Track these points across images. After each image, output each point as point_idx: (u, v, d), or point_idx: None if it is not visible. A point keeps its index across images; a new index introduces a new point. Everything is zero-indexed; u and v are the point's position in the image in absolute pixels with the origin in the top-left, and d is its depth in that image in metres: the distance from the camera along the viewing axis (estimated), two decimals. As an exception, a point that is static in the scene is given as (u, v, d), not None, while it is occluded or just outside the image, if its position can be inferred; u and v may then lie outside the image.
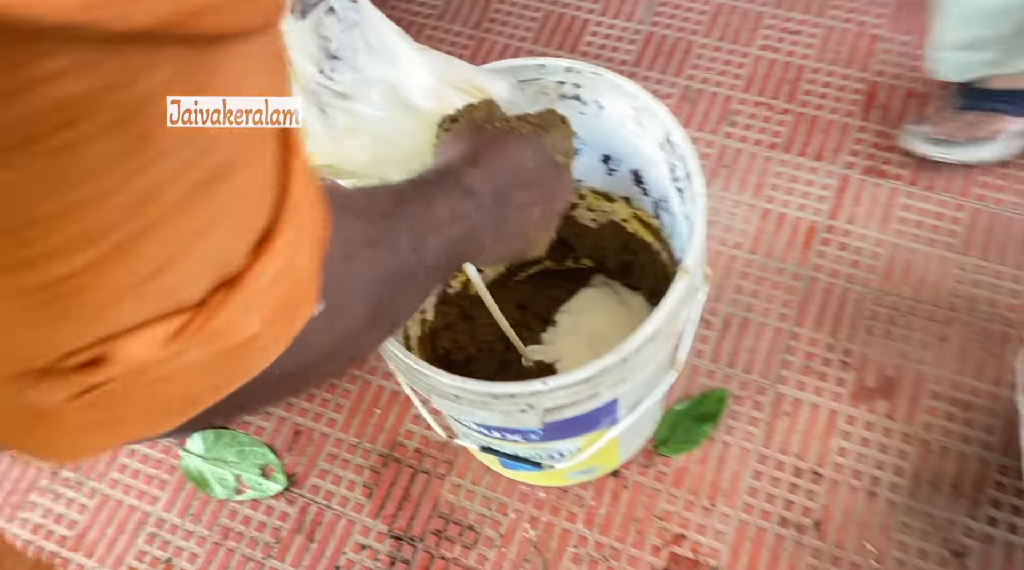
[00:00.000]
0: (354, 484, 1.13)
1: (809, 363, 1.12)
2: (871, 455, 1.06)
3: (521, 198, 0.54)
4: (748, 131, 1.30)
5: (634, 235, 1.03)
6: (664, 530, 1.05)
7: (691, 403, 1.11)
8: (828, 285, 1.17)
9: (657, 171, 0.86)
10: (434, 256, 0.44)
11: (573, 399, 0.73)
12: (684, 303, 0.75)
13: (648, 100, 0.79)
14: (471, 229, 0.48)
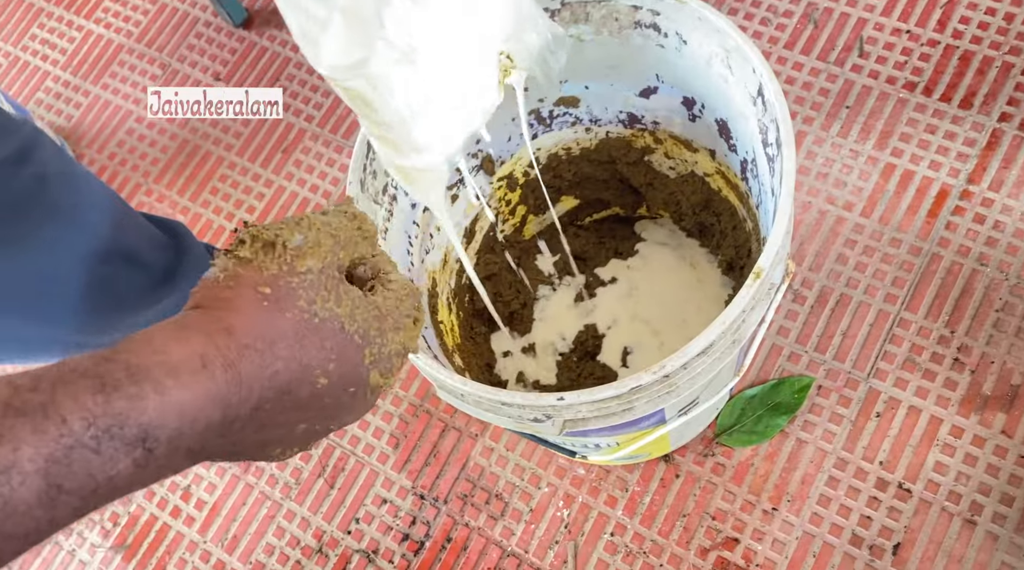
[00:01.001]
0: (381, 432, 1.04)
1: (915, 357, 0.94)
2: (976, 476, 0.89)
3: (282, 421, 0.32)
4: (881, 65, 1.07)
5: (717, 193, 0.86)
6: (715, 530, 0.92)
7: (765, 389, 0.95)
8: (953, 264, 0.97)
9: (747, 127, 0.69)
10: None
11: (600, 413, 0.60)
12: (754, 309, 0.59)
13: (740, 41, 0.61)
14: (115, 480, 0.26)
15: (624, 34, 0.71)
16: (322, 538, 1.00)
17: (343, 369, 0.33)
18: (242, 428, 0.30)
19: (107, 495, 0.26)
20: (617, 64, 0.76)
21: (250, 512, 1.03)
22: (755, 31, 1.12)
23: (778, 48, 1.11)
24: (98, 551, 1.05)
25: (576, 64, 0.77)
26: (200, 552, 1.03)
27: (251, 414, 0.30)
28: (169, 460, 0.27)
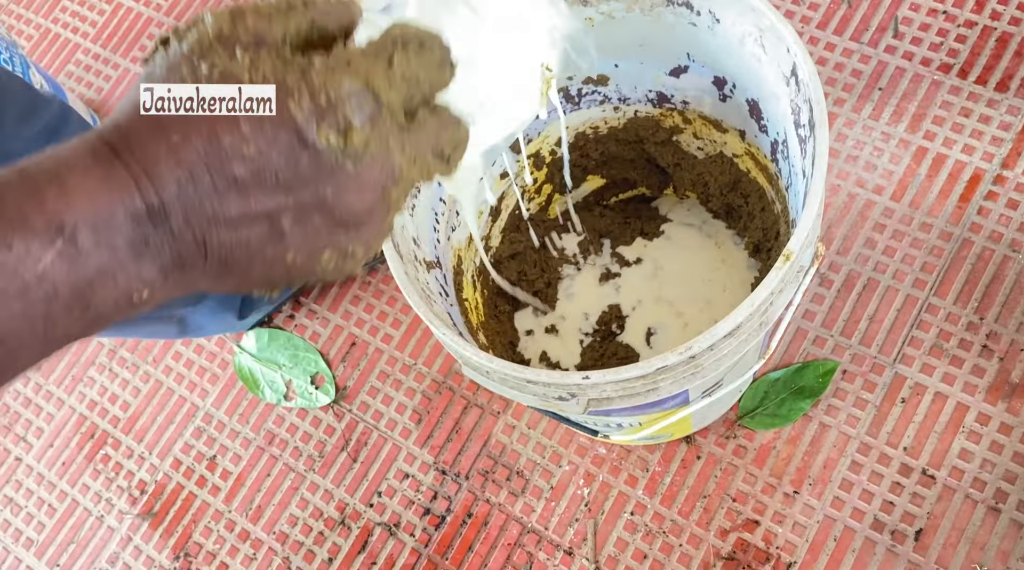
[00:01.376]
0: (404, 407, 1.05)
1: (942, 343, 0.93)
2: (1002, 464, 0.88)
3: (237, 207, 0.29)
4: (917, 46, 1.05)
5: (746, 174, 0.85)
6: (735, 512, 0.92)
7: (789, 372, 0.95)
8: (984, 250, 0.96)
9: (779, 108, 0.68)
10: None
11: (625, 393, 0.60)
12: (782, 291, 0.59)
13: (775, 20, 0.60)
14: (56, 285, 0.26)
15: (656, 12, 0.70)
16: (344, 510, 1.02)
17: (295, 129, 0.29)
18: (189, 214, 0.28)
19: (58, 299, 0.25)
20: (647, 42, 0.75)
21: (274, 483, 1.05)
22: (787, 10, 1.11)
23: (810, 28, 1.09)
24: (126, 518, 1.07)
25: (606, 42, 0.77)
26: (225, 521, 1.04)
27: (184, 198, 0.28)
28: (113, 257, 0.26)
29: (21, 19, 1.40)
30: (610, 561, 0.93)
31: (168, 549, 1.05)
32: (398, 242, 0.64)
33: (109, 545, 1.07)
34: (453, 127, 0.34)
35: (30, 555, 1.08)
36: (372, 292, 1.11)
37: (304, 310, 1.12)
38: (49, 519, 1.10)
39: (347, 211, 0.31)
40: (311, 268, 0.32)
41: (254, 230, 0.29)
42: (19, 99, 0.73)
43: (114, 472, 1.10)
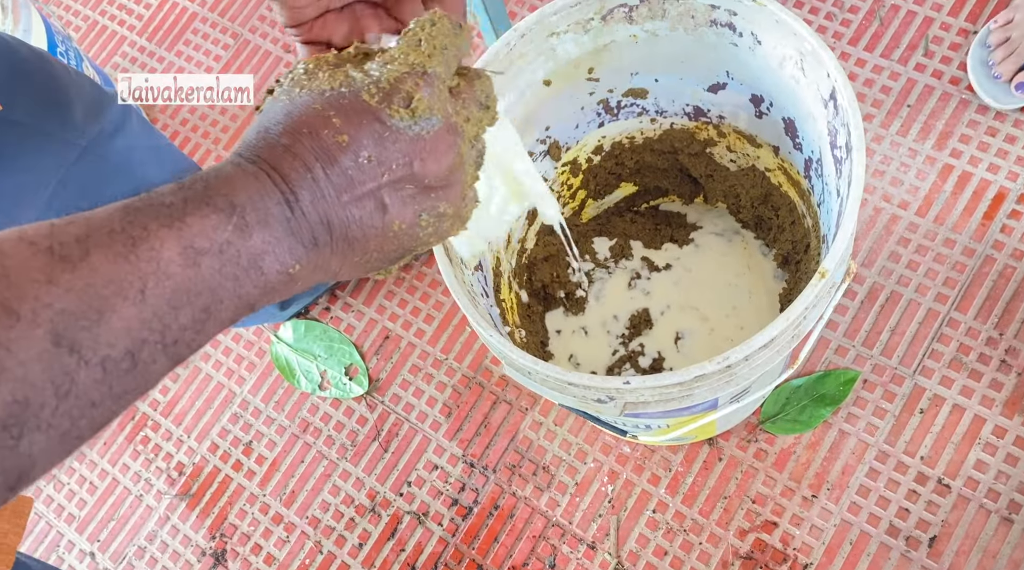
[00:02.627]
0: (435, 401, 1.08)
1: (962, 357, 0.96)
2: (1016, 476, 0.91)
3: (346, 189, 0.35)
4: (946, 66, 1.08)
5: (778, 188, 0.88)
6: (755, 513, 0.95)
7: (811, 380, 0.98)
8: (1006, 268, 0.98)
9: (815, 128, 0.71)
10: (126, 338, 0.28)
11: (661, 398, 0.63)
12: (816, 306, 0.62)
13: (816, 45, 0.63)
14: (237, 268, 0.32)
15: (699, 31, 0.73)
16: (375, 498, 1.06)
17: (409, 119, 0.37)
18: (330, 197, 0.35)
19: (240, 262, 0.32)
20: (688, 59, 0.78)
21: (308, 470, 1.09)
22: (820, 25, 1.13)
23: (842, 44, 1.12)
24: (164, 498, 1.11)
25: (648, 58, 0.80)
26: (260, 504, 1.08)
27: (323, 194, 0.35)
28: (270, 233, 0.33)
29: (70, 10, 1.44)
30: (632, 556, 0.97)
31: (204, 529, 1.09)
32: (448, 246, 0.68)
33: (147, 523, 1.11)
34: (481, 80, 0.42)
35: (72, 530, 1.13)
36: (406, 288, 1.14)
37: (340, 303, 1.16)
38: (90, 496, 1.14)
39: (432, 174, 0.38)
40: (415, 234, 0.39)
41: (363, 207, 0.36)
42: (87, 96, 0.77)
43: (153, 453, 1.14)
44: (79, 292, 0.27)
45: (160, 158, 0.86)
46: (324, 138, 0.34)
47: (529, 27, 0.72)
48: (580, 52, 0.77)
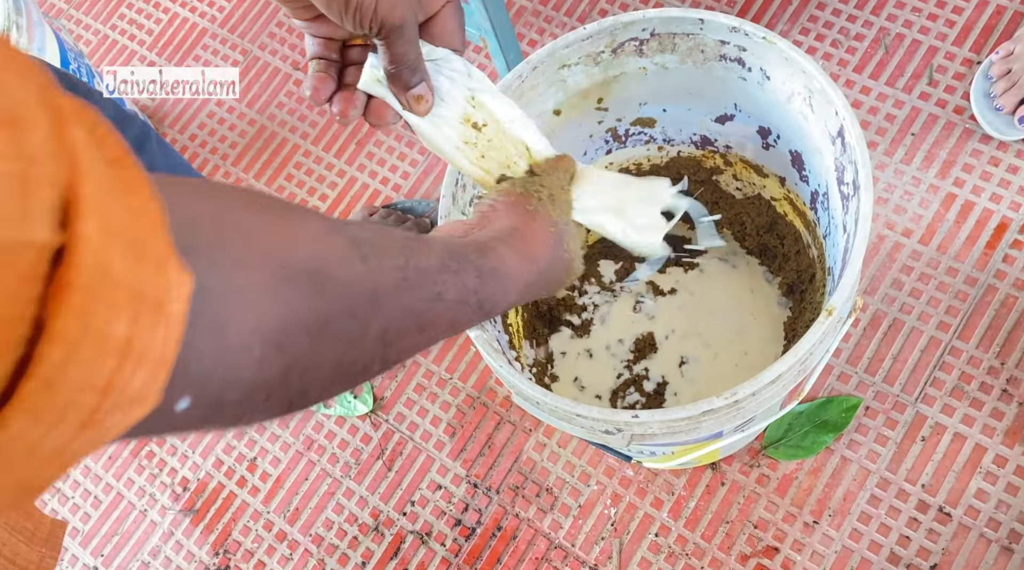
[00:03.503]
0: (439, 420, 1.09)
1: (963, 385, 0.97)
2: (1017, 506, 0.92)
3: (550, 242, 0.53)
4: (950, 95, 1.09)
5: (783, 217, 0.89)
6: (756, 538, 0.96)
7: (813, 406, 0.98)
8: (1008, 297, 0.99)
9: (822, 163, 0.72)
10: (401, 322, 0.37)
11: (669, 431, 0.64)
12: (822, 342, 0.62)
13: (825, 84, 0.64)
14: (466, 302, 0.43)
15: (708, 65, 0.74)
16: (379, 517, 1.06)
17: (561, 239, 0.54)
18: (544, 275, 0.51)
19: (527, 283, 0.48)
20: (697, 91, 0.79)
21: (312, 487, 1.09)
22: (825, 52, 1.14)
23: (847, 71, 1.13)
24: (168, 513, 1.12)
25: (657, 89, 0.81)
26: (263, 521, 1.09)
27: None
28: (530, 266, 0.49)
29: (80, 24, 1.45)
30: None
31: (208, 545, 1.09)
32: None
33: (151, 538, 1.11)
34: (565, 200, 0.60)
35: (75, 544, 1.13)
36: (412, 307, 1.15)
37: (345, 321, 1.16)
38: (95, 510, 1.14)
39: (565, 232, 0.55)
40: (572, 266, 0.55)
41: (559, 252, 0.53)
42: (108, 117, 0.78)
43: (158, 468, 1.15)
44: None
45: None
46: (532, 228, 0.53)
47: (541, 59, 0.73)
48: (590, 83, 0.78)
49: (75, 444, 0.21)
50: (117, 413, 0.21)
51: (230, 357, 0.26)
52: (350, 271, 0.32)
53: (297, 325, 0.29)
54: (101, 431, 0.21)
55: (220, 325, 0.25)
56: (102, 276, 0.19)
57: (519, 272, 0.47)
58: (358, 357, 0.33)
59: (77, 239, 0.19)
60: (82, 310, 0.19)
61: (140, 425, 0.22)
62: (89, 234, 0.19)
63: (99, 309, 0.19)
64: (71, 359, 0.19)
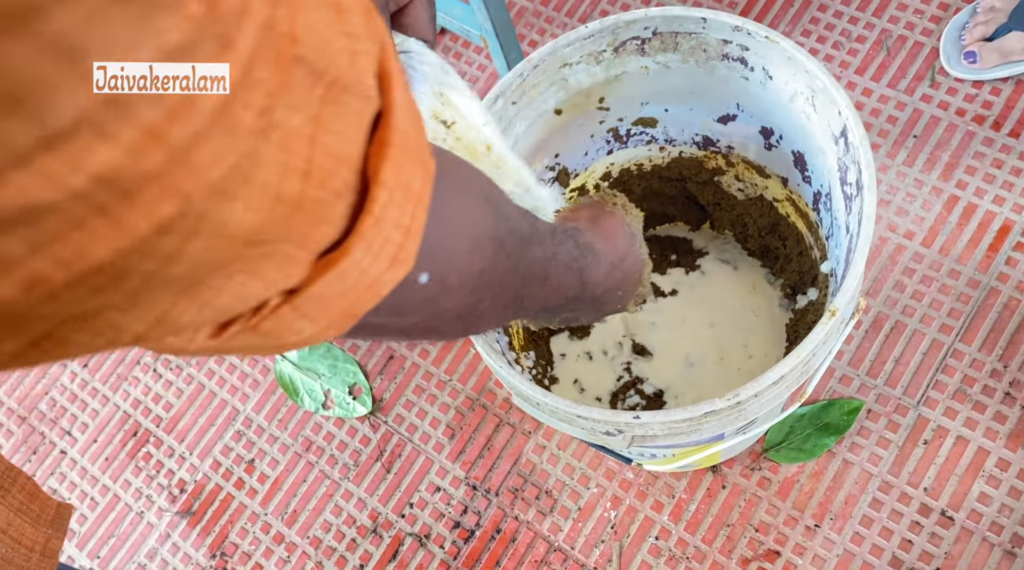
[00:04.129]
0: (438, 422, 1.08)
1: (966, 388, 0.96)
2: (1019, 509, 0.91)
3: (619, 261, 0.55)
4: (952, 97, 1.08)
5: (785, 218, 0.89)
6: (757, 542, 0.95)
7: (815, 409, 0.98)
8: (1011, 300, 0.98)
9: (825, 163, 0.71)
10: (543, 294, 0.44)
11: (670, 432, 0.63)
12: (825, 343, 0.62)
13: (828, 83, 0.63)
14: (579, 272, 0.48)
15: (710, 65, 0.74)
16: (377, 519, 1.05)
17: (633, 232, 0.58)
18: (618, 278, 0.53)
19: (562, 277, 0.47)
20: (699, 91, 0.79)
21: (310, 489, 1.08)
22: (827, 54, 1.14)
23: (848, 73, 1.12)
24: (165, 515, 1.11)
25: (659, 89, 0.80)
26: (261, 523, 1.08)
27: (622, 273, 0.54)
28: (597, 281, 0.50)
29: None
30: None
31: (205, 547, 1.09)
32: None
33: (148, 540, 1.11)
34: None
35: (72, 546, 1.13)
36: (411, 308, 1.14)
37: (344, 322, 1.15)
38: (91, 512, 1.14)
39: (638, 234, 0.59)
40: (644, 270, 0.59)
41: (634, 248, 0.57)
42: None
43: (155, 470, 1.14)
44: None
45: None
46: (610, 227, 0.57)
47: (542, 58, 0.72)
48: (592, 82, 0.78)
49: (383, 278, 0.25)
50: (399, 265, 0.26)
51: (450, 242, 0.31)
52: (508, 207, 0.38)
53: (488, 233, 0.34)
54: (397, 272, 0.26)
55: (444, 216, 0.30)
56: (406, 139, 0.24)
57: (604, 251, 0.51)
58: (513, 286, 0.38)
59: (393, 106, 0.23)
60: (398, 164, 0.24)
61: (391, 298, 0.27)
62: (401, 103, 0.24)
63: (406, 165, 0.24)
64: (391, 202, 0.24)
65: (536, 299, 0.43)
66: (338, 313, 0.25)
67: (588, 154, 0.89)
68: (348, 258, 0.24)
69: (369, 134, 0.23)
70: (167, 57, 0.17)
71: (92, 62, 0.15)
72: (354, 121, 0.22)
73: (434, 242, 0.29)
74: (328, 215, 0.23)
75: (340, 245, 0.24)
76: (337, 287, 0.24)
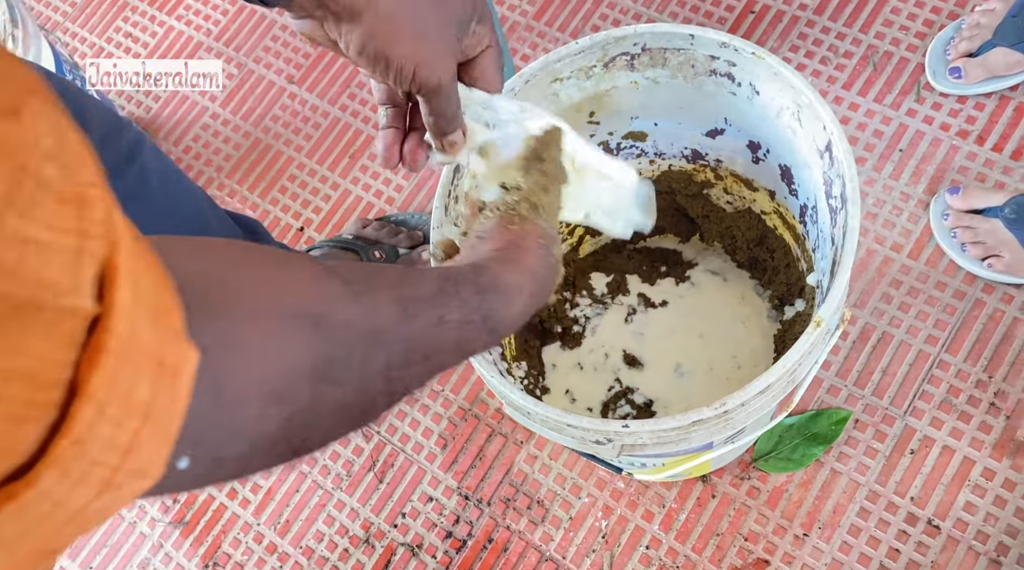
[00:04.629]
0: (431, 432, 1.09)
1: (952, 398, 0.98)
2: (1004, 519, 0.92)
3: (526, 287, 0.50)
4: (936, 111, 1.10)
5: (773, 231, 0.90)
6: (747, 551, 0.96)
7: (803, 419, 0.99)
8: (995, 311, 1.00)
9: (811, 176, 0.73)
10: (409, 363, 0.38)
11: (659, 441, 0.64)
12: (811, 353, 0.63)
13: (813, 99, 0.65)
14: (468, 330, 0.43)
15: (698, 80, 0.75)
16: (369, 529, 1.06)
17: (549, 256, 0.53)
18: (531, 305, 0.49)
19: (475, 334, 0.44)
20: (687, 106, 0.80)
21: (303, 499, 1.09)
22: (814, 70, 1.16)
23: (835, 88, 1.14)
24: (158, 525, 1.11)
25: (648, 103, 0.81)
26: (254, 534, 1.08)
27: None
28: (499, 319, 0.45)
29: (76, 37, 1.46)
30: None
31: (197, 557, 1.09)
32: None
33: (141, 550, 1.11)
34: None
35: (64, 556, 1.13)
36: (404, 319, 1.15)
37: (338, 333, 1.16)
38: (83, 523, 1.14)
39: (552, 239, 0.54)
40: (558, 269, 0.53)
41: (548, 260, 0.51)
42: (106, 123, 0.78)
43: (148, 480, 1.14)
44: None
45: (171, 181, 0.88)
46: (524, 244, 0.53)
47: (534, 73, 0.74)
48: (582, 96, 0.79)
49: (93, 506, 0.22)
50: (132, 478, 0.22)
51: (228, 414, 0.27)
52: (347, 311, 0.33)
53: (297, 372, 0.30)
54: (117, 495, 0.22)
55: (218, 384, 0.26)
56: (131, 342, 0.21)
57: (518, 283, 0.47)
58: (360, 397, 0.34)
59: (113, 308, 0.20)
60: (113, 374, 0.20)
61: (154, 488, 0.24)
62: (123, 303, 0.21)
63: (127, 373, 0.21)
64: (100, 419, 0.20)
65: (423, 374, 0.39)
66: (29, 551, 0.22)
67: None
68: (33, 489, 0.20)
69: (80, 343, 0.20)
70: None
71: None
72: (43, 332, 0.19)
73: (200, 423, 0.25)
74: (8, 444, 0.19)
75: (23, 475, 0.20)
76: (18, 525, 0.20)
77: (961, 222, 1.01)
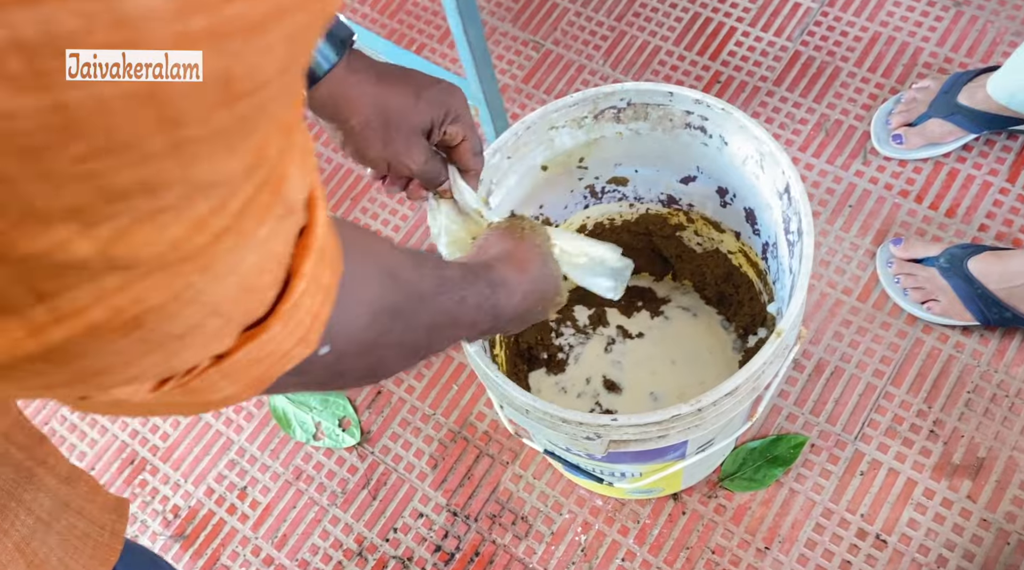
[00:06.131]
0: (422, 453, 1.17)
1: (896, 426, 1.09)
2: (943, 534, 1.02)
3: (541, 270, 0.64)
4: (881, 173, 1.24)
5: (738, 269, 1.01)
6: (714, 563, 1.05)
7: (765, 443, 1.09)
8: (934, 349, 1.12)
9: (771, 216, 0.84)
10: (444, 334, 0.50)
11: (641, 437, 0.74)
12: (772, 363, 0.74)
13: (773, 148, 0.77)
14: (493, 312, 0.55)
15: (675, 132, 0.87)
16: (362, 543, 1.13)
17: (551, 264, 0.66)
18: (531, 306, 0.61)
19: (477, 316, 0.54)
20: (664, 155, 0.92)
21: (299, 514, 1.16)
22: (774, 133, 1.29)
23: (792, 150, 1.28)
24: (159, 539, 1.17)
25: (630, 152, 0.93)
26: (252, 547, 1.15)
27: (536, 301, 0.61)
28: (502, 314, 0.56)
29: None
30: (601, 601, 1.05)
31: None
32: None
33: (140, 563, 1.16)
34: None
35: (64, 568, 1.17)
36: (399, 349, 1.24)
37: (336, 361, 1.24)
38: (85, 536, 1.19)
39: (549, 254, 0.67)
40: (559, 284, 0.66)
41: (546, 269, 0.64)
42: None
43: (150, 496, 1.20)
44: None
45: None
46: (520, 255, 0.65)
47: (534, 121, 0.85)
48: (574, 144, 0.91)
49: (292, 352, 0.31)
50: (311, 339, 0.32)
51: (349, 320, 0.37)
52: (410, 275, 0.45)
53: (383, 307, 0.40)
54: (304, 349, 0.32)
55: (345, 299, 0.36)
56: (323, 245, 0.31)
57: (518, 281, 0.58)
58: (414, 340, 0.44)
59: (316, 221, 0.30)
60: (315, 262, 0.30)
61: (297, 366, 0.33)
62: (321, 220, 0.31)
63: (321, 264, 0.31)
64: (306, 292, 0.30)
65: (446, 339, 0.50)
66: (254, 377, 0.31)
67: (568, 207, 1.01)
68: (267, 333, 0.29)
69: (296, 240, 0.30)
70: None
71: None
72: (290, 231, 0.29)
73: (335, 321, 0.34)
74: (264, 298, 0.29)
75: (262, 322, 0.29)
76: (256, 355, 0.29)
77: (903, 270, 1.13)
